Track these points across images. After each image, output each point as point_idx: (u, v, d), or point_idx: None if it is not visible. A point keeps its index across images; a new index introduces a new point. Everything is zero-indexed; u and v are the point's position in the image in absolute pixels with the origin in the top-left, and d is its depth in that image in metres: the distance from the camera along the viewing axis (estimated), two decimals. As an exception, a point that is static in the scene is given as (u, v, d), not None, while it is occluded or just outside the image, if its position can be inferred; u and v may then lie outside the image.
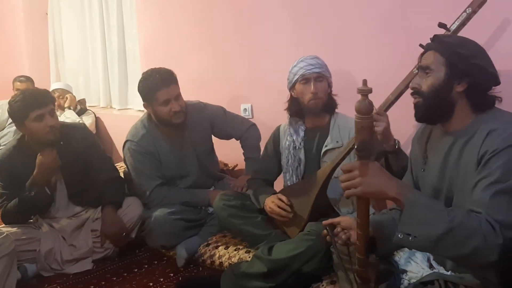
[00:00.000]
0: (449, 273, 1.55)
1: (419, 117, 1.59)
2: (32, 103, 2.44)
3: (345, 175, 1.40)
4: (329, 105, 2.32)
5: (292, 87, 2.34)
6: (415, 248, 1.61)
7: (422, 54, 1.58)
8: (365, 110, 1.29)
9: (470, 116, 1.51)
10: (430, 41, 1.57)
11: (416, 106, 1.57)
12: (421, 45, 1.70)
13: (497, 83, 1.51)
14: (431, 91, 1.51)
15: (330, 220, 1.73)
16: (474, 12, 1.74)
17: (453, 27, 1.76)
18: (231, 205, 2.42)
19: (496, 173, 1.34)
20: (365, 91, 1.31)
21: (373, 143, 1.45)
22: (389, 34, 2.43)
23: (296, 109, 2.35)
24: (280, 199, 2.30)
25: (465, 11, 1.76)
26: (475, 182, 1.39)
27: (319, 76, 2.26)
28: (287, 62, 2.39)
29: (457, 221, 1.28)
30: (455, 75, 1.48)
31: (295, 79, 2.30)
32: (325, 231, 1.71)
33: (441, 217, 1.30)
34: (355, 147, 1.35)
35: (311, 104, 2.27)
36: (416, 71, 1.78)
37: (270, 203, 2.32)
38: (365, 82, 1.33)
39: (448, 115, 1.53)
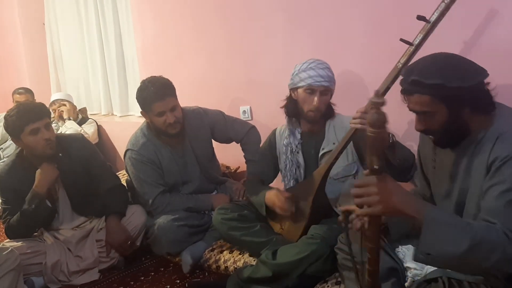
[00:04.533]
0: (453, 269, 1.55)
1: (445, 147, 1.56)
2: (27, 117, 2.45)
3: (360, 190, 1.28)
4: (326, 114, 2.30)
5: (294, 89, 2.29)
6: (437, 266, 1.56)
7: (407, 96, 1.49)
8: (380, 123, 1.19)
9: (482, 123, 1.46)
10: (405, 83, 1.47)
11: (436, 142, 1.55)
12: (402, 40, 1.66)
13: (487, 75, 1.46)
14: (443, 127, 1.47)
15: (347, 207, 1.65)
16: (452, 1, 1.68)
17: (433, 18, 1.69)
18: (229, 218, 2.41)
19: (509, 181, 1.31)
20: (378, 104, 1.19)
21: (384, 155, 1.37)
22: (383, 32, 2.42)
23: (293, 109, 2.31)
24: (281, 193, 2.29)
25: (443, 0, 1.69)
26: (486, 188, 1.37)
27: (326, 90, 2.23)
28: (284, 63, 2.39)
29: (478, 237, 1.25)
30: (458, 105, 1.43)
31: (300, 84, 2.23)
32: (340, 217, 1.64)
33: (462, 235, 1.25)
34: (376, 166, 1.23)
35: (309, 115, 2.25)
36: (400, 65, 1.76)
37: (272, 196, 2.31)
38: (377, 93, 1.24)
39: (468, 131, 1.48)
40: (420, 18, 1.68)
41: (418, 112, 1.49)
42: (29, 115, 2.46)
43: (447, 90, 1.39)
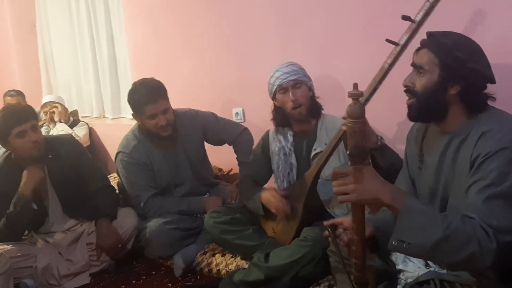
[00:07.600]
0: (444, 271, 1.54)
1: (412, 117, 1.57)
2: (13, 120, 2.43)
3: (339, 180, 1.34)
4: (313, 109, 2.31)
5: (273, 97, 2.34)
6: (410, 255, 1.59)
7: (417, 50, 1.54)
8: (357, 114, 1.27)
9: (464, 116, 1.49)
10: (425, 37, 1.53)
11: (409, 106, 1.55)
12: (387, 40, 1.67)
13: (492, 83, 1.48)
14: (424, 92, 1.49)
15: (331, 221, 1.72)
16: (437, 0, 1.69)
17: (418, 18, 1.69)
18: (221, 222, 2.40)
19: (490, 177, 1.32)
20: (356, 95, 1.28)
21: (366, 147, 1.41)
22: (376, 32, 2.40)
23: (281, 118, 2.34)
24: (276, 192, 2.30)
25: (427, 0, 1.67)
26: (468, 185, 1.37)
27: (296, 83, 2.25)
28: (276, 64, 2.37)
29: (452, 227, 1.26)
30: (449, 78, 1.45)
31: (274, 89, 2.30)
32: (326, 232, 1.70)
33: (436, 224, 1.27)
34: (348, 152, 1.31)
35: (295, 113, 2.27)
36: (387, 65, 1.76)
37: (268, 195, 2.30)
38: (355, 85, 1.30)
39: (442, 116, 1.51)
40: (405, 18, 1.67)
41: (415, 66, 1.51)
42: (15, 117, 2.44)
43: (450, 57, 1.43)
